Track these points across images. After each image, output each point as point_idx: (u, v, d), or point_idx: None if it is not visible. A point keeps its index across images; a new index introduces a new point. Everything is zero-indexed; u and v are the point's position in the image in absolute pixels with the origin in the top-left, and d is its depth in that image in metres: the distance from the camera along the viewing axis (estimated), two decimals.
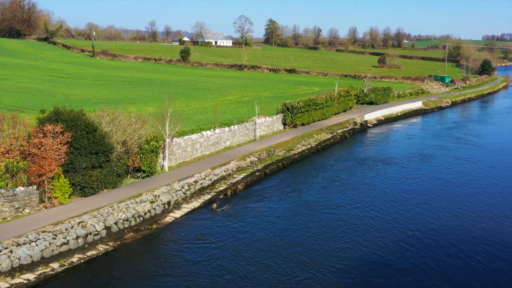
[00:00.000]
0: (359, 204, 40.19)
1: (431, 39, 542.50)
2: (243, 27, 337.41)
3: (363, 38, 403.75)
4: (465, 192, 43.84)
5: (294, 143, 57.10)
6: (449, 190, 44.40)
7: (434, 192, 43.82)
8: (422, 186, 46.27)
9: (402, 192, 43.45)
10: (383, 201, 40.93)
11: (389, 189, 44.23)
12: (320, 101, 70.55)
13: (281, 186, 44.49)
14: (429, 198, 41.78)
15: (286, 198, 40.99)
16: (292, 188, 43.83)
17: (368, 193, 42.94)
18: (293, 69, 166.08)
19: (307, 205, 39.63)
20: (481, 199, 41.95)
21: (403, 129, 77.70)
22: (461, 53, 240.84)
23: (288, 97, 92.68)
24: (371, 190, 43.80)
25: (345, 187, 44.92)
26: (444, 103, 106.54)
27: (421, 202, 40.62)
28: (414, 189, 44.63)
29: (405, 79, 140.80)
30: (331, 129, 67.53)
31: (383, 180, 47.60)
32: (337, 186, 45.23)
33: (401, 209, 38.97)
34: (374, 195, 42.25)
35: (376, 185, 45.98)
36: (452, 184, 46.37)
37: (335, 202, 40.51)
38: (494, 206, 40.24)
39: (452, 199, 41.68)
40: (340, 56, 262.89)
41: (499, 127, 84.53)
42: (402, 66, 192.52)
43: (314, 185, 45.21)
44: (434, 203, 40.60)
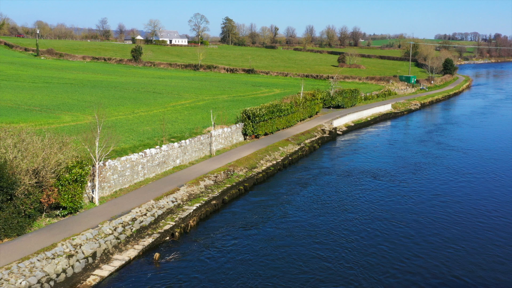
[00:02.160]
0: (343, 238, 32.09)
1: (385, 38, 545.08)
2: (198, 25, 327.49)
3: (320, 37, 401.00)
4: (467, 216, 36.31)
5: (257, 159, 48.52)
6: (446, 212, 36.86)
7: (429, 215, 36.08)
8: (415, 205, 38.84)
9: (394, 219, 35.51)
10: (377, 234, 32.86)
11: (379, 215, 36.25)
12: (284, 106, 62.24)
13: (243, 217, 35.79)
14: (425, 222, 34.03)
15: (249, 236, 32.34)
16: (257, 220, 35.21)
17: (354, 224, 34.77)
18: (251, 69, 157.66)
19: (276, 243, 31.17)
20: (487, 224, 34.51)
21: (376, 136, 70.23)
22: (419, 52, 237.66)
23: (247, 100, 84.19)
24: (358, 220, 35.70)
25: (324, 216, 36.67)
26: (413, 106, 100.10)
27: (416, 231, 32.84)
28: (406, 210, 36.89)
29: (369, 79, 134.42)
30: (298, 139, 59.28)
31: (370, 202, 39.73)
32: (313, 213, 36.93)
33: (404, 253, 30.99)
34: (362, 226, 34.11)
35: (363, 210, 38.07)
36: (449, 205, 38.86)
37: (314, 238, 32.25)
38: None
39: (453, 225, 34.00)
40: (298, 55, 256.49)
41: (481, 130, 78.91)
42: (362, 66, 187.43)
43: (284, 215, 36.76)
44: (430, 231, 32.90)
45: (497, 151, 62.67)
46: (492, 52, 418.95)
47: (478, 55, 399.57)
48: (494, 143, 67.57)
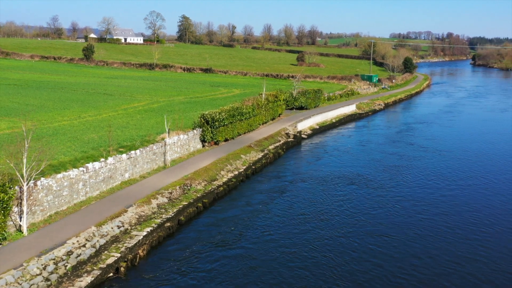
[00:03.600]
0: (322, 253, 27.76)
1: (342, 37, 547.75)
2: (154, 23, 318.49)
3: (278, 36, 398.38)
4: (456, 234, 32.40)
5: (217, 169, 43.53)
6: (427, 219, 32.93)
7: (410, 223, 31.96)
8: (394, 212, 35.39)
9: (376, 230, 31.20)
10: (358, 247, 28.50)
11: (359, 225, 31.93)
12: (246, 109, 57.46)
13: (202, 241, 30.81)
14: (407, 232, 29.93)
15: (212, 263, 27.44)
16: (220, 243, 30.31)
17: (332, 235, 30.32)
18: (209, 69, 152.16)
19: (244, 268, 26.48)
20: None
21: (344, 139, 66.21)
22: (377, 50, 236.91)
23: (206, 102, 79.05)
24: (335, 230, 31.36)
25: (297, 229, 32.34)
26: (377, 106, 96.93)
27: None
28: (385, 218, 32.70)
29: (331, 78, 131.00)
30: (261, 145, 54.58)
31: (348, 211, 35.56)
32: (286, 228, 32.42)
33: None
34: (341, 239, 29.71)
35: (341, 220, 34.02)
36: (429, 209, 34.93)
37: (291, 255, 27.92)
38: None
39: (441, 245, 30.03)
40: (256, 54, 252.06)
41: (452, 130, 76.88)
42: (322, 64, 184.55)
43: (252, 233, 32.04)
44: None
45: (471, 151, 60.13)
46: (446, 50, 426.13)
47: (433, 54, 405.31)
48: (468, 144, 65.21)
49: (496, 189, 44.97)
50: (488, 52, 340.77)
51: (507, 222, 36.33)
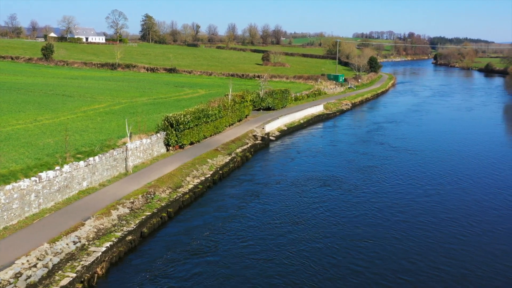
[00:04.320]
0: (298, 260, 26.38)
1: (306, 37, 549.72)
2: (116, 22, 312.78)
3: (242, 35, 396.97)
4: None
5: (182, 175, 41.18)
6: (402, 221, 31.44)
7: (385, 226, 30.39)
8: (369, 215, 33.45)
9: (352, 235, 29.49)
10: (336, 253, 26.78)
11: (335, 230, 30.16)
12: (212, 111, 55.23)
13: (168, 255, 28.49)
14: (384, 236, 28.40)
15: (178, 281, 25.23)
16: (187, 256, 28.08)
17: (307, 241, 28.48)
18: (173, 68, 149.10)
19: (218, 284, 24.49)
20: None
21: (313, 140, 64.51)
22: (341, 50, 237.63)
23: (170, 103, 76.47)
24: (311, 236, 29.55)
25: (271, 234, 30.58)
26: (344, 106, 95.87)
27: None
28: (361, 222, 30.98)
29: (297, 78, 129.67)
30: (229, 148, 52.43)
31: (323, 215, 33.86)
32: (258, 235, 30.56)
33: None
34: (317, 245, 27.92)
35: (316, 224, 32.38)
36: (405, 210, 33.47)
37: (265, 272, 26.06)
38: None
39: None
40: (221, 53, 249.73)
41: (422, 129, 76.35)
42: (287, 64, 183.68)
43: (221, 243, 29.92)
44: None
45: (443, 151, 59.57)
46: (408, 50, 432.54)
47: (395, 53, 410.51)
48: (439, 143, 64.76)
49: (470, 189, 44.16)
50: (449, 51, 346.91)
51: (484, 222, 35.50)
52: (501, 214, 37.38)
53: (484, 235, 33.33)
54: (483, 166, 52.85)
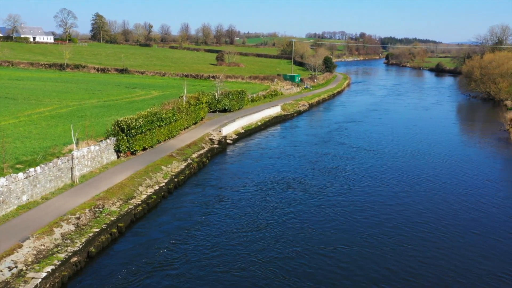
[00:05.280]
0: (266, 269, 23.88)
1: (259, 37, 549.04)
2: (65, 21, 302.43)
3: (196, 35, 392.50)
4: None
5: (134, 185, 38.15)
6: (369, 224, 29.63)
7: (352, 230, 28.50)
8: (334, 218, 31.43)
9: (318, 241, 27.46)
10: (305, 259, 24.79)
11: (300, 235, 28.04)
12: (166, 114, 52.27)
13: (119, 275, 25.56)
14: (350, 240, 26.60)
15: None
16: (144, 275, 25.27)
17: (273, 249, 26.24)
18: (125, 69, 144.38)
19: None
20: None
21: (272, 142, 62.16)
22: (296, 50, 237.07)
23: (121, 105, 72.89)
24: (277, 243, 27.31)
25: (234, 244, 28.25)
26: (301, 107, 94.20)
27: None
28: (326, 226, 28.97)
29: (253, 78, 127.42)
30: (184, 154, 49.57)
31: (288, 220, 31.56)
32: (226, 245, 28.21)
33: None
34: (284, 253, 25.76)
35: (283, 232, 30.00)
36: (370, 213, 31.77)
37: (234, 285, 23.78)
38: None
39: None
40: (175, 53, 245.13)
41: (382, 128, 75.82)
42: (242, 64, 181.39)
43: (183, 258, 27.29)
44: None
45: (404, 151, 58.64)
46: (360, 50, 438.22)
47: (348, 53, 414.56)
48: (400, 143, 63.94)
49: (438, 189, 43.29)
50: (400, 51, 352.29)
51: (457, 225, 34.49)
52: (473, 215, 36.14)
53: (458, 236, 32.45)
54: (447, 166, 52.08)
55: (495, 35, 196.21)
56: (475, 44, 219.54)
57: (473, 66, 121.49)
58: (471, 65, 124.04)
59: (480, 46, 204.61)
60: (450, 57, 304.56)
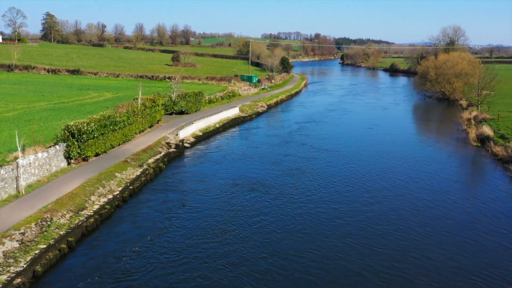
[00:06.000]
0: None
1: (215, 37, 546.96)
2: (14, 20, 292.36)
3: (151, 35, 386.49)
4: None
5: (86, 194, 35.65)
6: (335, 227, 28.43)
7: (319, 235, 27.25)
8: (301, 221, 29.81)
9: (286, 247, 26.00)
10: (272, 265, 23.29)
11: (265, 241, 26.56)
12: (120, 117, 49.78)
13: None
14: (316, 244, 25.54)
15: None
16: None
17: (238, 256, 24.73)
18: (77, 70, 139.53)
19: None
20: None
21: (232, 145, 60.23)
22: (252, 50, 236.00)
23: (73, 108, 69.68)
24: (243, 255, 25.74)
25: (203, 254, 26.79)
26: (260, 108, 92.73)
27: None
28: (290, 229, 27.57)
29: (210, 79, 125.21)
30: (140, 159, 47.19)
31: (254, 227, 29.99)
32: (188, 254, 26.43)
33: None
34: (249, 260, 24.25)
35: (246, 239, 28.34)
36: (335, 216, 30.57)
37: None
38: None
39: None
40: (129, 54, 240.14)
41: (342, 128, 75.70)
42: (198, 64, 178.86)
43: (142, 269, 25.31)
44: None
45: (369, 152, 57.99)
46: (316, 50, 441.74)
47: (304, 54, 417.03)
48: (361, 143, 63.34)
49: (401, 189, 42.87)
50: (355, 51, 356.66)
51: (419, 222, 34.35)
52: (439, 215, 35.41)
53: (426, 237, 31.86)
54: (410, 166, 51.71)
55: (447, 36, 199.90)
56: (428, 44, 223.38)
57: (428, 67, 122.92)
58: (426, 66, 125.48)
59: (432, 47, 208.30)
60: (403, 57, 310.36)
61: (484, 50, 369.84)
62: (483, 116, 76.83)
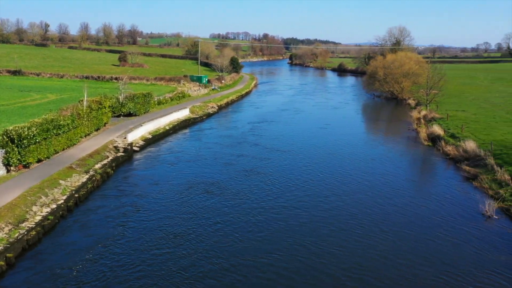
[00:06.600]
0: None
1: (163, 37, 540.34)
2: None
3: (96, 35, 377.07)
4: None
5: (27, 204, 33.18)
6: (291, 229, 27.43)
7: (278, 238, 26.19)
8: (259, 232, 28.59)
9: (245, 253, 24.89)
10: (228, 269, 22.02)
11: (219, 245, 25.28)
12: (64, 121, 47.23)
13: None
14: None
15: None
16: None
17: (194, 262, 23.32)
18: (18, 70, 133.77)
19: None
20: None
21: (183, 147, 58.33)
22: (201, 50, 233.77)
23: (13, 111, 66.10)
24: (197, 260, 24.33)
25: (157, 260, 24.94)
26: (210, 109, 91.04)
27: None
28: (246, 233, 26.38)
29: (158, 80, 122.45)
30: (86, 165, 44.78)
31: (207, 231, 28.45)
32: (140, 265, 24.90)
33: None
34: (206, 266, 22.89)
35: (199, 244, 26.79)
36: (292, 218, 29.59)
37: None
38: None
39: None
40: (74, 54, 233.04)
41: (295, 128, 74.83)
42: (146, 65, 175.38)
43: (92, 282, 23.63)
44: None
45: (323, 151, 57.54)
46: (264, 50, 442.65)
47: (252, 54, 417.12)
48: (316, 144, 62.55)
49: (358, 189, 42.35)
50: (303, 51, 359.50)
51: (378, 222, 33.26)
52: (397, 214, 34.79)
53: (387, 239, 30.84)
54: (365, 166, 51.31)
55: (393, 36, 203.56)
56: (375, 44, 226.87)
57: (377, 66, 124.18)
58: (375, 65, 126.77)
59: (379, 47, 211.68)
60: (350, 57, 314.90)
61: (427, 50, 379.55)
62: (433, 115, 77.85)
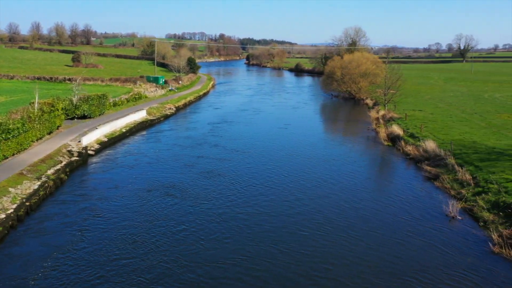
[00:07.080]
0: None
1: (118, 37, 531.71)
2: None
3: (48, 35, 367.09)
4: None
5: None
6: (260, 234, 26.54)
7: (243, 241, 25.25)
8: (227, 235, 27.49)
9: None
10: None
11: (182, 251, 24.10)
12: (13, 124, 44.83)
13: None
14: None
15: None
16: None
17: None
18: None
19: None
20: None
21: (141, 149, 56.49)
22: (157, 50, 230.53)
23: None
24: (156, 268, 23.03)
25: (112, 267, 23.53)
26: (168, 110, 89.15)
27: None
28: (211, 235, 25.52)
29: (114, 81, 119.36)
30: (38, 171, 42.49)
31: (169, 236, 26.97)
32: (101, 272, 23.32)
33: None
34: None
35: (160, 251, 25.46)
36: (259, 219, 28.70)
37: None
38: None
39: None
40: (25, 54, 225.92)
41: (255, 128, 74.38)
42: (100, 65, 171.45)
43: None
44: None
45: (285, 152, 56.99)
46: (221, 50, 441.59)
47: (209, 54, 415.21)
48: (277, 144, 61.83)
49: (322, 190, 41.77)
50: (260, 52, 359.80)
51: (344, 223, 32.62)
52: (362, 214, 34.20)
53: (356, 239, 30.17)
54: (327, 166, 50.64)
55: (349, 37, 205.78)
56: (331, 45, 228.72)
57: (335, 67, 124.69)
58: (333, 66, 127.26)
59: (335, 47, 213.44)
60: (307, 58, 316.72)
61: (382, 51, 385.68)
62: (391, 115, 78.32)
